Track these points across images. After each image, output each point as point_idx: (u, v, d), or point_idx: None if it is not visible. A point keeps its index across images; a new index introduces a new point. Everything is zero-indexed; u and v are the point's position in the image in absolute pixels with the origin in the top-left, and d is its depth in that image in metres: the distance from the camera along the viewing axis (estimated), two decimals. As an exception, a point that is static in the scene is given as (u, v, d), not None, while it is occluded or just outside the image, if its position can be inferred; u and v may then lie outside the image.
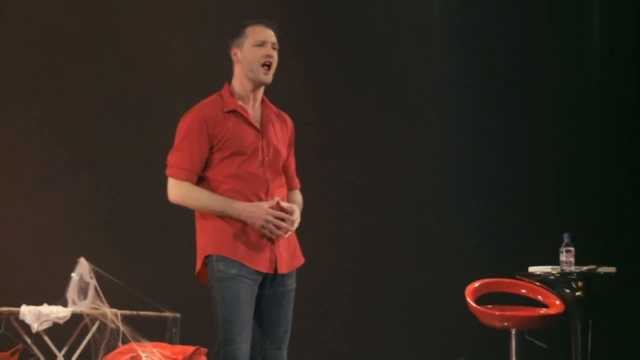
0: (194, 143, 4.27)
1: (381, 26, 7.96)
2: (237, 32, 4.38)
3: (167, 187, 4.33)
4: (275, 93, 4.53)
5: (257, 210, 4.23)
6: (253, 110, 4.38)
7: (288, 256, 4.34)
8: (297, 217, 4.32)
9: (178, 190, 4.30)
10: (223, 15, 7.27)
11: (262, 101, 4.43)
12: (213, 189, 4.27)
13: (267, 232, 4.24)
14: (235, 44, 4.37)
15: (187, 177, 4.28)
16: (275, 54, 4.37)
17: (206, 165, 4.29)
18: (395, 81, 7.92)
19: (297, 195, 4.52)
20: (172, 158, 4.32)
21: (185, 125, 4.31)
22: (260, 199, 4.27)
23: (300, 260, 4.42)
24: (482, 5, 7.96)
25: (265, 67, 4.33)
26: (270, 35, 4.36)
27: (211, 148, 4.28)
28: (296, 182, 4.55)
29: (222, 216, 4.24)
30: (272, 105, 4.46)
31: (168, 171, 4.33)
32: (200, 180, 4.30)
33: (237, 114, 4.32)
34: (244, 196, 4.26)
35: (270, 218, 4.23)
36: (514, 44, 7.88)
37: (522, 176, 7.82)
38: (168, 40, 7.59)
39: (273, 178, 4.34)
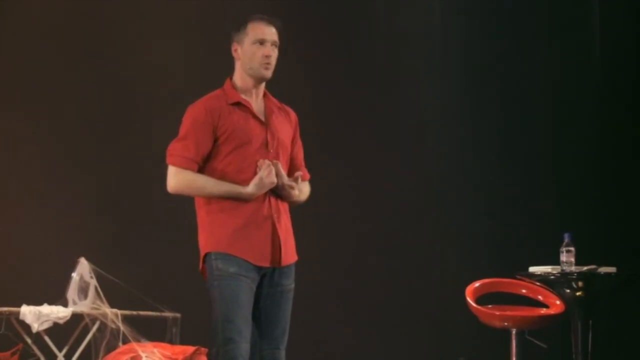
0: (198, 133, 4.24)
1: (382, 27, 7.95)
2: (238, 27, 4.37)
3: (167, 177, 4.28)
4: (276, 94, 4.53)
5: (261, 179, 4.21)
6: (256, 103, 4.37)
7: (287, 251, 4.32)
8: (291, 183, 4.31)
9: (180, 178, 4.25)
10: (223, 15, 7.26)
11: (264, 95, 4.42)
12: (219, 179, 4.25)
13: (280, 184, 4.26)
14: (236, 39, 4.36)
15: (189, 165, 4.24)
16: (275, 52, 4.35)
17: (212, 156, 4.27)
18: (395, 81, 7.92)
19: (304, 186, 4.46)
20: (174, 147, 4.28)
21: (190, 116, 4.30)
22: (266, 192, 4.25)
23: (294, 257, 4.39)
24: (482, 6, 7.96)
25: (265, 65, 4.32)
26: (270, 33, 4.34)
27: (216, 140, 4.25)
28: (305, 173, 4.50)
29: (225, 209, 4.22)
30: (274, 99, 4.45)
31: (169, 159, 4.28)
32: (205, 172, 4.27)
33: (241, 106, 4.32)
34: None
35: (273, 175, 4.22)
36: (514, 44, 7.87)
37: (522, 176, 7.81)
38: (168, 40, 7.59)
39: None
